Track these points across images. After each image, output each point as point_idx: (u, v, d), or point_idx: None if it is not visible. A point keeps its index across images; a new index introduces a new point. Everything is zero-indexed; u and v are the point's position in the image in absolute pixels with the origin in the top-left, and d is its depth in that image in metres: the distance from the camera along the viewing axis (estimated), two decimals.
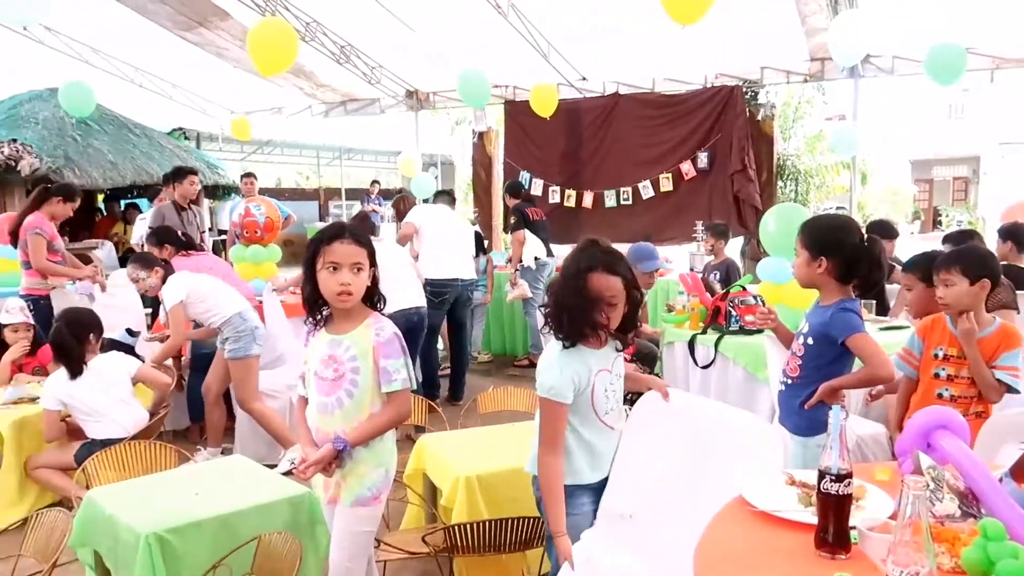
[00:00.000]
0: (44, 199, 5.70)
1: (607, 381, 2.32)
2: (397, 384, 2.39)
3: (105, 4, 8.00)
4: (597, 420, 2.30)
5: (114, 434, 3.85)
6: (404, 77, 10.12)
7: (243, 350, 4.51)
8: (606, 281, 2.21)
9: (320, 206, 20.00)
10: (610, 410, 2.33)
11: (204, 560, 2.45)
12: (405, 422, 2.62)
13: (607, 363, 2.33)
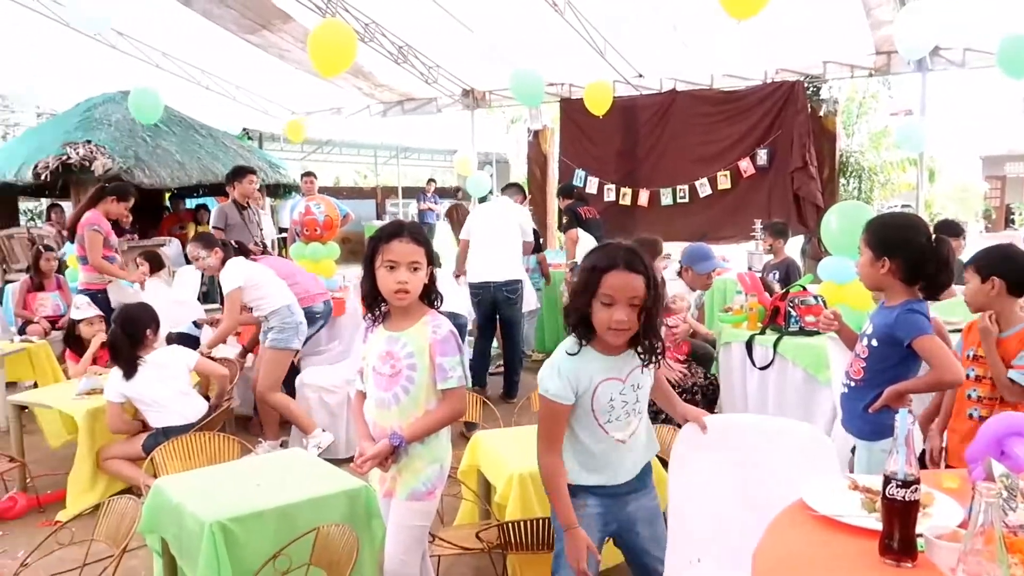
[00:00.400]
0: (100, 198, 5.93)
1: (616, 390, 2.18)
2: (453, 381, 2.41)
3: (174, 9, 8.27)
4: (596, 426, 2.20)
5: (174, 422, 3.99)
6: (460, 76, 10.18)
7: (284, 342, 4.63)
8: (625, 279, 2.05)
9: (377, 204, 20.30)
10: (614, 419, 2.20)
11: (264, 549, 2.51)
12: (461, 418, 2.63)
13: (618, 372, 2.19)
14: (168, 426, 3.98)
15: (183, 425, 3.98)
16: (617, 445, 2.22)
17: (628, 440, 2.23)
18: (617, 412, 2.20)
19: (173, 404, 4.05)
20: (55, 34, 8.93)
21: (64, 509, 4.04)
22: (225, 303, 4.68)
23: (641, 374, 2.23)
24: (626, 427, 2.22)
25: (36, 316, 6.66)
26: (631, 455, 2.26)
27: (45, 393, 4.82)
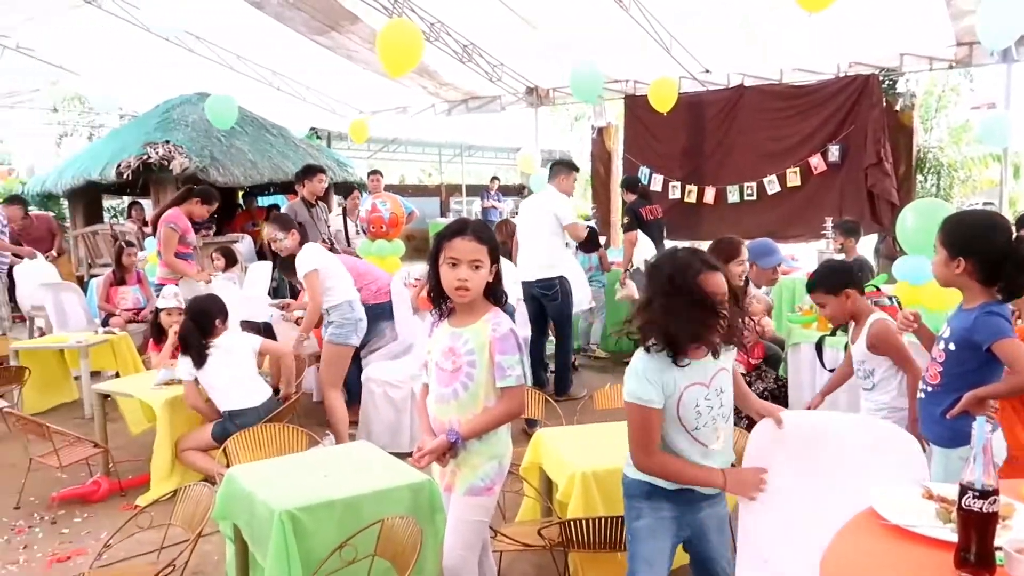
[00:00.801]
0: (186, 198, 6.16)
1: (700, 395, 2.15)
2: (511, 380, 2.42)
3: (247, 13, 8.52)
4: (685, 434, 2.17)
5: (239, 406, 4.13)
6: (524, 74, 10.20)
7: (343, 337, 4.70)
8: (717, 279, 2.09)
9: (441, 202, 20.49)
10: (702, 426, 2.17)
11: (331, 539, 2.58)
12: (519, 417, 2.64)
13: (703, 376, 2.16)
14: (233, 409, 4.13)
15: (248, 409, 4.12)
16: (706, 452, 2.19)
17: (718, 447, 2.21)
18: (704, 419, 2.16)
19: (238, 388, 4.19)
20: (136, 39, 9.30)
21: (144, 494, 4.22)
22: (306, 286, 4.73)
23: (724, 378, 2.20)
24: (714, 434, 2.19)
25: (118, 309, 6.97)
26: (714, 463, 2.23)
27: (126, 382, 5.05)
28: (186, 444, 4.27)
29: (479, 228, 2.46)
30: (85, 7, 8.51)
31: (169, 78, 10.66)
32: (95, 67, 10.94)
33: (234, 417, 4.11)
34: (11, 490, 4.33)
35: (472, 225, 2.47)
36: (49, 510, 4.12)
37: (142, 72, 10.94)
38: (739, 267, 4.26)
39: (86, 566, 3.11)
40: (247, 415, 4.09)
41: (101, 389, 4.76)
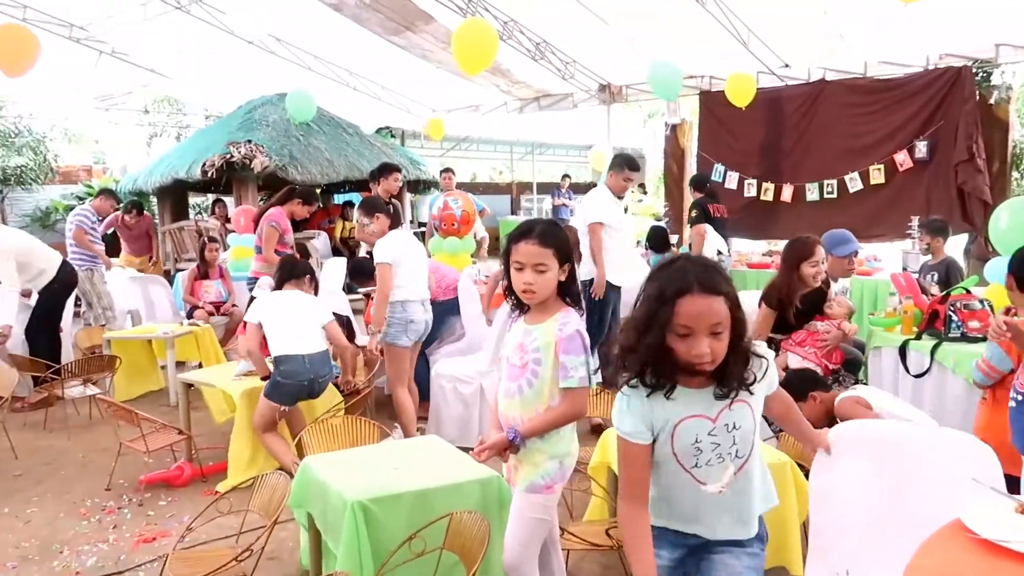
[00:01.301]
0: (288, 198, 6.43)
1: (702, 430, 1.83)
2: (573, 381, 2.41)
3: (326, 15, 8.73)
4: (681, 471, 1.86)
5: (288, 351, 4.17)
6: (597, 71, 10.14)
7: (392, 337, 4.66)
8: (705, 305, 1.71)
9: (512, 200, 20.57)
10: (703, 464, 1.85)
11: (401, 530, 2.62)
12: (580, 419, 2.61)
13: (704, 408, 1.84)
14: (280, 355, 4.18)
15: (294, 355, 4.17)
16: (710, 496, 1.86)
17: (725, 490, 1.86)
18: (707, 456, 1.84)
19: (290, 333, 4.24)
20: (222, 43, 9.66)
21: (224, 480, 4.38)
22: (377, 275, 4.67)
23: (735, 412, 1.84)
24: (720, 474, 1.85)
25: (201, 302, 7.25)
26: (732, 510, 1.90)
27: (209, 373, 5.24)
28: (256, 422, 4.33)
29: (544, 231, 2.45)
30: (175, 13, 8.88)
31: (251, 80, 11.02)
32: (184, 70, 11.42)
33: (279, 363, 4.17)
34: (103, 472, 4.56)
35: (537, 228, 2.46)
36: (137, 493, 4.32)
37: (226, 74, 11.36)
38: (813, 268, 4.11)
39: (170, 547, 3.24)
40: (293, 362, 4.14)
41: (186, 379, 4.96)
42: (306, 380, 4.20)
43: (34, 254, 6.01)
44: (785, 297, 4.15)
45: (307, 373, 4.18)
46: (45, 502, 4.24)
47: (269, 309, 4.32)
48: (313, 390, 4.30)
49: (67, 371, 5.50)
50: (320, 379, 4.28)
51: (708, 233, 6.93)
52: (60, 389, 5.41)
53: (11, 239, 5.91)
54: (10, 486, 4.48)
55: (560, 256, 2.44)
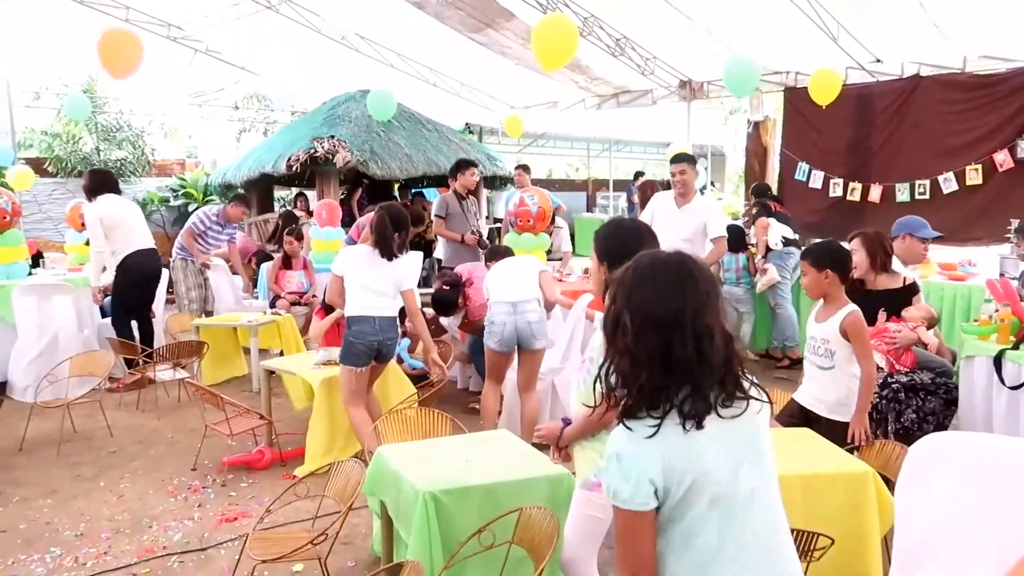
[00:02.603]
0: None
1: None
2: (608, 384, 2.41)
3: (409, 13, 8.88)
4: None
5: (359, 312, 4.29)
6: (678, 67, 9.98)
7: (486, 337, 4.68)
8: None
9: (588, 197, 20.46)
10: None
11: (470, 523, 2.65)
12: (607, 426, 2.57)
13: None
14: (352, 315, 4.31)
15: (365, 316, 4.27)
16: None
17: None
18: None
19: (364, 295, 4.33)
20: (309, 40, 9.94)
21: (301, 466, 4.51)
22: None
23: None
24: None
25: (283, 292, 7.49)
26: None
27: (289, 361, 5.42)
28: (343, 397, 4.42)
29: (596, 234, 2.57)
30: (265, 12, 9.19)
31: (336, 77, 11.31)
32: (272, 68, 11.81)
33: (351, 323, 4.31)
34: (189, 452, 4.77)
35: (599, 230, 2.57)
36: (220, 473, 4.50)
37: (312, 71, 11.69)
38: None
39: (250, 527, 3.36)
40: (364, 323, 4.27)
41: (268, 366, 5.14)
42: (375, 341, 4.30)
43: (117, 230, 6.27)
44: (847, 287, 4.19)
45: (376, 335, 4.29)
46: (136, 478, 4.47)
47: (350, 265, 4.41)
48: (381, 352, 4.38)
49: (158, 355, 5.78)
50: (387, 342, 4.38)
51: (772, 224, 6.96)
52: (152, 372, 5.68)
53: (103, 207, 6.21)
54: (106, 462, 4.74)
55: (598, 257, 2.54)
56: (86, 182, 6.41)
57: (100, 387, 5.44)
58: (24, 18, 9.61)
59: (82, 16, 9.34)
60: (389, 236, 4.33)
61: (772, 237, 6.93)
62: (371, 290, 4.33)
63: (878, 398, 3.81)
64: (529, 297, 4.55)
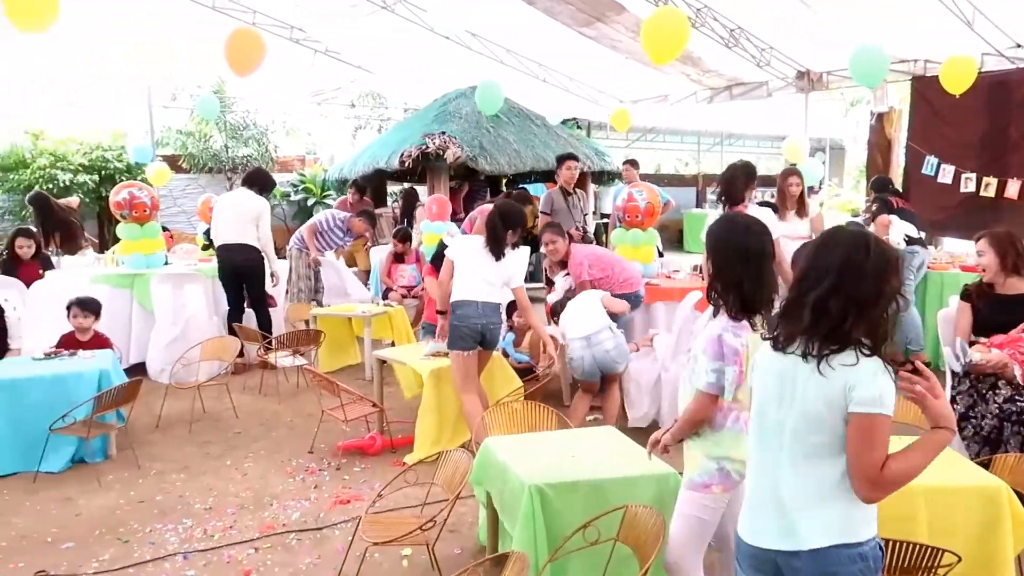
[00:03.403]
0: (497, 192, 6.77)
1: None
2: (700, 383, 2.43)
3: (519, 8, 8.94)
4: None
5: (465, 296, 4.40)
6: (795, 57, 9.60)
7: (571, 370, 4.78)
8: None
9: (698, 192, 20.00)
10: None
11: (575, 518, 2.67)
12: (701, 423, 2.51)
13: None
14: (456, 300, 4.42)
15: (469, 300, 4.38)
16: None
17: None
18: None
19: (471, 281, 4.43)
20: (421, 39, 10.19)
21: (411, 453, 4.66)
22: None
23: None
24: None
25: (395, 285, 7.73)
26: None
27: (401, 351, 5.59)
28: (456, 383, 4.53)
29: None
30: (381, 12, 9.48)
31: (447, 74, 11.53)
32: (387, 66, 12.17)
33: (456, 308, 4.41)
34: (307, 436, 5.02)
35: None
36: (335, 457, 4.71)
37: (424, 69, 11.97)
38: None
39: (362, 511, 3.51)
40: (468, 307, 4.38)
41: (380, 355, 5.33)
42: (479, 324, 4.40)
43: (212, 222, 6.74)
44: (975, 289, 4.06)
45: (479, 318, 4.39)
46: (259, 458, 4.74)
47: (463, 252, 4.52)
48: (485, 336, 4.47)
49: (279, 342, 6.09)
50: (491, 326, 4.47)
51: (894, 221, 6.55)
52: (273, 358, 6.00)
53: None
54: (232, 442, 5.05)
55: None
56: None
57: (227, 371, 5.79)
58: (162, 24, 10.30)
59: (214, 21, 9.93)
60: (500, 236, 4.42)
61: (894, 235, 6.55)
62: (479, 278, 4.44)
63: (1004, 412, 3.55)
64: (600, 327, 4.63)
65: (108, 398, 4.40)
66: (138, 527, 3.79)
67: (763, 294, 2.42)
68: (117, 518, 3.90)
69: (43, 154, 12.21)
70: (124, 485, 4.32)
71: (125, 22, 9.94)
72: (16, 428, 4.42)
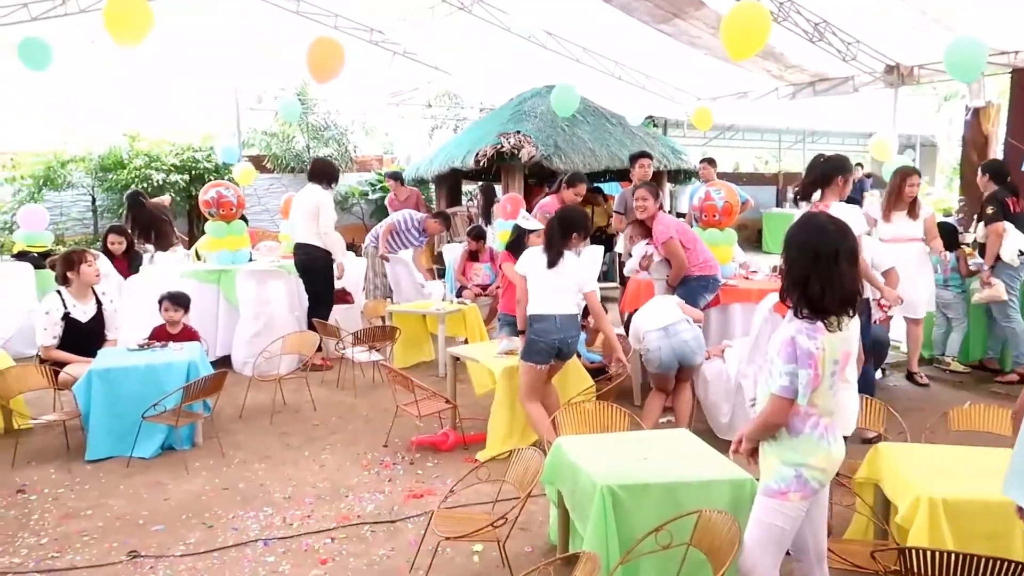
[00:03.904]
0: (560, 188, 6.84)
1: None
2: (774, 387, 2.37)
3: (596, 7, 8.90)
4: None
5: (540, 310, 4.34)
6: (884, 51, 9.23)
7: (646, 364, 4.67)
8: None
9: (778, 191, 19.47)
10: None
11: (647, 521, 2.63)
12: (775, 428, 2.42)
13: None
14: (534, 313, 4.36)
15: (546, 315, 4.31)
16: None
17: None
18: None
19: (546, 294, 4.37)
20: (498, 39, 10.25)
21: (483, 450, 4.69)
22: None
23: None
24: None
25: (469, 283, 7.80)
26: None
27: (474, 348, 5.64)
28: (521, 392, 4.52)
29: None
30: (459, 13, 9.59)
31: (523, 73, 11.57)
32: (463, 67, 12.30)
33: (533, 321, 4.36)
34: (381, 430, 5.12)
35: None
36: (408, 452, 4.78)
37: (500, 69, 12.04)
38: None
39: (434, 505, 3.55)
40: (545, 321, 4.32)
41: (454, 352, 5.38)
42: (556, 339, 4.36)
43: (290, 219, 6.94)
44: None
45: (557, 333, 4.34)
46: (336, 450, 4.86)
47: (533, 264, 4.49)
48: (562, 351, 4.43)
49: (356, 338, 6.23)
50: (569, 340, 4.42)
51: (1008, 231, 5.96)
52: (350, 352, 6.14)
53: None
54: (310, 433, 5.20)
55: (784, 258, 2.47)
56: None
57: (306, 365, 5.96)
58: (249, 30, 10.70)
59: (298, 25, 10.24)
60: (556, 243, 4.40)
61: (1008, 248, 5.94)
62: (551, 288, 4.40)
63: None
64: (678, 319, 4.59)
65: (196, 388, 4.59)
66: (222, 513, 3.94)
67: (833, 295, 2.33)
68: (203, 503, 4.06)
69: (139, 155, 12.85)
70: (209, 472, 4.50)
71: (213, 29, 10.37)
72: (112, 415, 4.66)
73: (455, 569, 3.34)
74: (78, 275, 5.23)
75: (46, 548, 3.56)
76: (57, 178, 12.38)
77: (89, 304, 5.31)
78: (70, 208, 12.91)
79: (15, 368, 4.86)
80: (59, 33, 8.58)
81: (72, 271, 5.22)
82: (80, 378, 4.70)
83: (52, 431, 5.05)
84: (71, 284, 5.25)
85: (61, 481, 4.36)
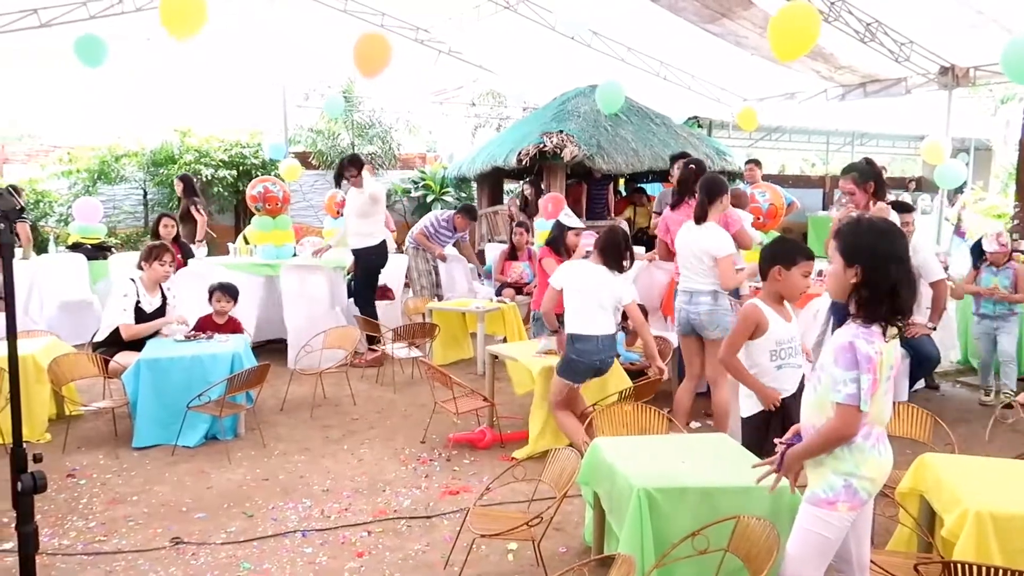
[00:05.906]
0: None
1: None
2: (839, 396, 2.24)
3: (642, 6, 8.84)
4: None
5: (580, 331, 4.31)
6: (938, 52, 9.00)
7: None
8: None
9: (824, 194, 19.09)
10: None
11: (684, 525, 2.61)
12: (846, 439, 2.33)
13: None
14: (578, 334, 4.32)
15: (588, 335, 4.28)
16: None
17: None
18: None
19: (585, 314, 4.34)
20: (543, 38, 10.25)
21: (519, 449, 4.70)
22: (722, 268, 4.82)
23: None
24: None
25: (508, 280, 7.81)
26: None
27: (513, 347, 5.65)
28: (550, 399, 4.53)
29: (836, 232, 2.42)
30: (504, 12, 9.61)
31: (567, 73, 11.55)
32: (507, 65, 12.33)
33: (575, 341, 4.33)
34: (419, 426, 5.16)
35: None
36: (445, 448, 4.81)
37: (545, 68, 12.03)
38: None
39: (470, 502, 3.57)
40: (588, 342, 4.30)
41: (492, 351, 5.40)
42: (597, 360, 4.36)
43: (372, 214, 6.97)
44: None
45: (599, 353, 4.34)
46: (374, 445, 4.91)
47: (572, 280, 4.47)
48: (600, 370, 4.45)
49: (396, 334, 6.29)
50: (608, 360, 4.44)
51: None
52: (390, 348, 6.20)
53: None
54: (349, 427, 5.26)
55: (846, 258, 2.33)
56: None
57: (347, 360, 6.04)
58: (297, 29, 10.87)
59: (345, 24, 10.37)
60: (622, 253, 4.40)
61: None
62: (594, 305, 4.37)
63: None
64: (704, 290, 4.59)
65: (239, 380, 4.68)
66: (262, 503, 4.01)
67: (912, 296, 2.28)
68: (244, 493, 4.14)
69: (189, 150, 13.13)
70: (251, 463, 4.59)
71: (262, 26, 10.56)
72: (159, 403, 4.78)
73: (489, 567, 3.35)
74: (150, 268, 5.39)
75: (93, 532, 3.67)
76: (111, 172, 12.72)
77: (156, 297, 5.47)
78: (123, 201, 13.25)
79: (69, 356, 5.01)
80: (116, 31, 8.84)
81: (147, 263, 5.41)
82: (129, 367, 4.83)
83: (101, 418, 5.21)
84: (144, 273, 5.43)
85: (109, 467, 4.49)
